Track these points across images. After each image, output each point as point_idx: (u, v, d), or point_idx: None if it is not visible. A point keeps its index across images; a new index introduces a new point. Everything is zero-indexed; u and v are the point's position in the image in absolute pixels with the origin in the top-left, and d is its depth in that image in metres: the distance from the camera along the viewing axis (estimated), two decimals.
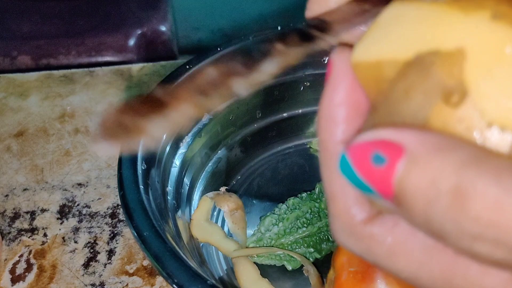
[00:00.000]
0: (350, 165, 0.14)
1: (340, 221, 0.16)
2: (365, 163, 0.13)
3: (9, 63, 0.61)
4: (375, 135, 0.13)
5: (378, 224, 0.15)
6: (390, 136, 0.13)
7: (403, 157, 0.13)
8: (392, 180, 0.13)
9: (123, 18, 0.65)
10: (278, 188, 0.43)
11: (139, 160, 0.33)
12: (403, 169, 0.12)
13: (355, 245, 0.15)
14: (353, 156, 0.14)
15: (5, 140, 0.48)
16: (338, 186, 0.16)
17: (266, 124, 0.45)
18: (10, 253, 0.39)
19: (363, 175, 0.13)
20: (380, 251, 0.15)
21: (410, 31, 0.14)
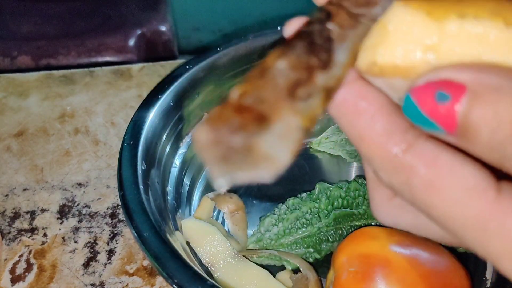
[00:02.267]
0: (415, 105, 0.15)
1: (377, 157, 0.16)
2: (429, 102, 0.14)
3: (9, 63, 0.61)
4: (438, 76, 0.14)
5: (418, 156, 0.15)
6: (452, 76, 0.14)
7: (465, 94, 0.14)
8: (456, 115, 0.14)
9: (123, 19, 0.65)
10: (278, 189, 0.43)
11: (139, 160, 0.33)
12: (467, 104, 0.14)
13: (394, 179, 0.16)
14: (417, 96, 0.15)
15: (5, 140, 0.48)
16: (364, 127, 0.16)
17: None
18: (10, 253, 0.39)
19: (428, 113, 0.15)
20: (419, 182, 0.15)
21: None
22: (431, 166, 0.15)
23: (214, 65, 0.40)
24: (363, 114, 0.16)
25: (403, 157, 0.15)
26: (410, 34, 0.15)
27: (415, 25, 0.15)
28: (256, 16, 0.64)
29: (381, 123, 0.16)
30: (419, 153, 0.15)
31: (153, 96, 0.37)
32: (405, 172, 0.15)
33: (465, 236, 0.15)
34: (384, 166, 0.16)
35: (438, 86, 0.14)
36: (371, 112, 0.16)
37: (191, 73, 0.38)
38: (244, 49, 0.41)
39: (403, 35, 0.15)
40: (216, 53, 0.40)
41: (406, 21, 0.15)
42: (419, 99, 0.15)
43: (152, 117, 0.35)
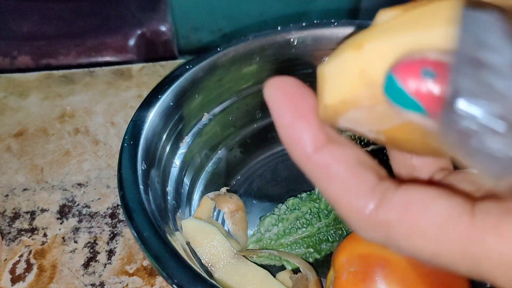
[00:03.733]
0: (397, 84, 0.14)
1: (354, 218, 0.16)
2: (414, 79, 0.14)
3: (9, 63, 0.61)
4: (421, 55, 0.14)
5: (389, 209, 0.15)
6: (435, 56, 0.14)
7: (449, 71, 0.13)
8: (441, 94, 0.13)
9: (123, 19, 0.65)
10: (278, 189, 0.43)
11: (139, 160, 0.33)
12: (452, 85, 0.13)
13: (375, 237, 0.16)
14: (402, 74, 0.14)
15: (5, 140, 0.48)
16: (336, 189, 0.16)
17: (266, 125, 0.45)
18: (10, 253, 0.39)
19: (412, 92, 0.14)
20: (398, 234, 0.15)
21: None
22: (404, 214, 0.15)
23: (214, 65, 0.40)
24: (335, 178, 0.16)
25: (376, 215, 0.15)
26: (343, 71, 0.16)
27: (344, 62, 0.16)
28: (256, 16, 0.64)
29: (352, 184, 0.16)
30: (390, 206, 0.15)
31: (153, 96, 0.37)
32: (382, 228, 0.15)
33: (459, 268, 0.15)
34: (361, 225, 0.16)
35: (424, 64, 0.14)
36: (343, 174, 0.16)
37: (191, 73, 0.38)
38: (244, 49, 0.41)
39: (338, 74, 0.16)
40: (216, 53, 0.40)
41: (337, 62, 0.16)
42: (403, 76, 0.14)
43: (152, 117, 0.35)
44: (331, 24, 0.42)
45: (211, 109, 0.41)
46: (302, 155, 0.17)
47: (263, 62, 0.42)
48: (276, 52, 0.41)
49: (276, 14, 0.64)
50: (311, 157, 0.16)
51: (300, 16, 0.65)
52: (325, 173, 0.16)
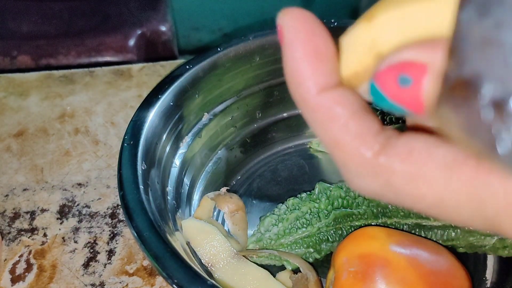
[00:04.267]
0: (380, 92, 0.14)
1: (353, 164, 0.16)
2: (392, 87, 0.14)
3: (9, 63, 0.61)
4: (398, 58, 0.14)
5: (392, 155, 0.15)
6: (411, 56, 0.14)
7: (427, 74, 0.13)
8: (421, 98, 0.13)
9: (123, 19, 0.65)
10: (278, 189, 0.43)
11: (139, 160, 0.33)
12: (431, 85, 0.13)
13: (373, 183, 0.15)
14: (380, 82, 0.14)
15: (5, 140, 0.48)
16: (336, 132, 0.16)
17: (266, 125, 0.45)
18: (10, 253, 0.39)
19: (393, 98, 0.14)
20: (400, 180, 0.15)
21: None
22: (407, 159, 0.15)
23: (214, 65, 0.40)
24: (337, 119, 0.16)
25: (378, 159, 0.15)
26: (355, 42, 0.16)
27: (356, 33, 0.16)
28: (256, 16, 0.64)
29: (355, 128, 0.15)
30: (393, 152, 0.15)
31: (153, 96, 0.37)
32: (383, 174, 0.15)
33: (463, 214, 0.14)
34: (361, 171, 0.16)
35: (399, 69, 0.14)
36: (346, 117, 0.16)
37: (191, 73, 0.38)
38: (244, 49, 0.41)
39: (351, 46, 0.16)
40: (216, 53, 0.40)
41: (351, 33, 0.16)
42: (382, 85, 0.14)
43: (152, 117, 0.35)
44: (331, 24, 0.42)
45: (211, 109, 0.41)
46: (306, 94, 0.16)
47: (263, 62, 0.42)
48: (276, 52, 0.41)
49: (276, 14, 0.63)
50: (315, 97, 0.16)
51: None
52: (327, 115, 0.16)
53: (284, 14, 0.16)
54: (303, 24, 0.16)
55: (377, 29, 0.15)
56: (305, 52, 0.16)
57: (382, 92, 0.14)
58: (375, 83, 0.14)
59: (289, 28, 0.16)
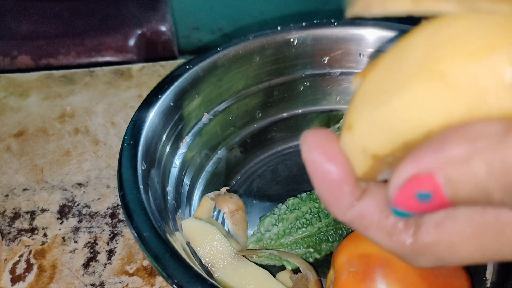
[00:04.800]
0: (405, 213, 0.16)
1: (403, 254, 0.17)
2: (415, 206, 0.15)
3: (9, 63, 0.61)
4: (402, 178, 0.15)
5: (425, 234, 0.16)
6: (413, 171, 0.14)
7: (440, 182, 0.14)
8: (446, 200, 0.14)
9: (123, 19, 0.65)
10: (278, 188, 0.43)
11: (139, 160, 0.33)
12: (450, 192, 0.14)
13: (427, 261, 0.17)
14: (401, 207, 0.15)
15: (5, 140, 0.48)
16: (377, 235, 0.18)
17: (266, 125, 0.45)
18: (10, 253, 0.39)
19: (421, 211, 0.15)
20: (444, 252, 0.16)
21: None
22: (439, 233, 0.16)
23: (214, 65, 0.40)
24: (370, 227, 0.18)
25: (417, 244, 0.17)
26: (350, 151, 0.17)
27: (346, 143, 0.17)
28: (256, 16, 0.64)
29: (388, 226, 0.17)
30: (425, 231, 0.16)
31: (153, 96, 0.37)
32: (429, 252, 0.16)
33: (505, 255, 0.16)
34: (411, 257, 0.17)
35: (412, 188, 0.15)
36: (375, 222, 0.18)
37: (191, 73, 0.38)
38: (244, 49, 0.41)
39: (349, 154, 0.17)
40: (216, 53, 0.40)
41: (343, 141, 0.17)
42: (404, 208, 0.15)
43: (152, 117, 0.35)
44: (331, 24, 0.42)
45: (211, 109, 0.41)
46: (340, 212, 0.18)
47: (263, 62, 0.42)
48: (276, 52, 0.41)
49: (276, 14, 0.64)
50: (348, 212, 0.18)
51: (300, 16, 0.65)
52: (362, 224, 0.18)
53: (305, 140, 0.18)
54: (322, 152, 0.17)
55: (359, 137, 0.16)
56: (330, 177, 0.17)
57: (408, 212, 0.15)
58: (395, 208, 0.16)
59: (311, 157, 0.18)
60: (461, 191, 0.14)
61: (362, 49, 0.43)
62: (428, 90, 0.14)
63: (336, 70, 0.44)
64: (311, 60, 0.43)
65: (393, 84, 0.15)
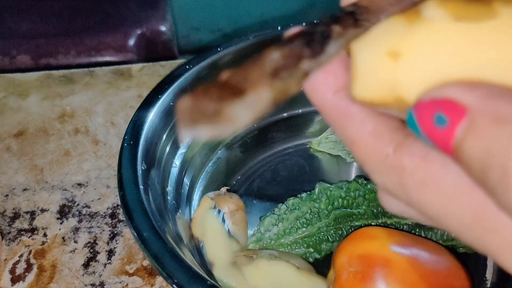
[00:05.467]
0: (416, 123, 0.14)
1: (370, 159, 0.16)
2: (428, 123, 0.14)
3: (9, 62, 0.61)
4: (442, 93, 0.14)
5: (408, 155, 0.15)
6: (456, 95, 0.13)
7: (463, 120, 0.13)
8: (451, 142, 0.13)
9: (123, 18, 0.65)
10: (278, 188, 0.43)
11: (139, 160, 0.33)
12: (462, 134, 0.13)
13: (388, 180, 0.15)
14: (418, 115, 0.14)
15: (5, 140, 0.48)
16: (354, 129, 0.16)
17: (266, 124, 0.45)
18: (10, 253, 0.39)
19: (427, 134, 0.14)
20: (411, 181, 0.15)
21: None
22: (422, 164, 0.15)
23: (214, 64, 0.40)
24: (353, 118, 0.16)
25: (394, 157, 0.15)
26: (374, 73, 0.15)
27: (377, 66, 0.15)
28: (256, 16, 0.64)
29: (371, 126, 0.16)
30: (409, 152, 0.15)
31: (153, 96, 0.37)
32: (397, 172, 0.15)
33: (462, 232, 0.14)
34: (376, 168, 0.16)
35: (440, 107, 0.14)
36: (362, 115, 0.16)
37: (191, 73, 0.38)
38: (244, 49, 0.41)
39: (369, 73, 0.15)
40: (216, 53, 0.40)
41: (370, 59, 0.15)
42: (419, 118, 0.14)
43: (152, 117, 0.35)
44: None
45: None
46: (323, 96, 0.16)
47: None
48: None
49: (276, 14, 0.64)
50: (331, 98, 0.16)
51: (300, 16, 0.65)
52: (344, 114, 0.16)
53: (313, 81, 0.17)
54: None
55: (401, 73, 0.14)
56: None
57: (418, 124, 0.14)
58: (413, 113, 0.14)
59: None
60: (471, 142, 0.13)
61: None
62: None
63: None
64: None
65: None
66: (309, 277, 0.34)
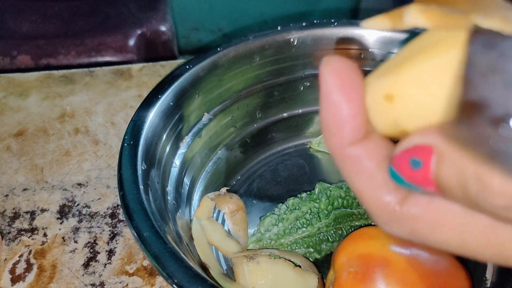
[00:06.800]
0: (397, 174, 0.16)
1: (379, 213, 0.17)
2: (407, 170, 0.16)
3: (9, 63, 0.61)
4: (409, 143, 0.16)
5: (413, 204, 0.16)
6: (419, 140, 0.15)
7: (433, 156, 0.15)
8: (430, 177, 0.15)
9: (123, 19, 0.65)
10: (278, 188, 0.43)
11: (139, 160, 0.33)
12: (436, 167, 0.15)
13: (400, 230, 0.17)
14: (395, 165, 0.16)
15: (5, 139, 0.48)
16: (364, 183, 0.17)
17: (266, 125, 0.45)
18: (10, 253, 0.39)
19: (408, 179, 0.16)
20: (423, 228, 0.16)
21: None
22: (428, 208, 0.16)
23: (214, 65, 0.40)
24: (363, 172, 0.17)
25: (402, 210, 0.16)
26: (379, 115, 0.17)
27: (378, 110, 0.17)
28: (256, 16, 0.64)
29: (378, 180, 0.17)
30: (415, 201, 0.16)
31: (153, 96, 0.37)
32: (407, 223, 0.16)
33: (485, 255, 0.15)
34: (386, 221, 0.17)
35: (411, 154, 0.15)
36: (370, 169, 0.17)
37: (191, 73, 0.38)
38: (244, 49, 0.41)
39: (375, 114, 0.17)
40: (216, 53, 0.40)
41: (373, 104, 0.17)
42: (398, 169, 0.16)
43: (152, 117, 0.35)
44: (331, 24, 0.42)
45: (211, 109, 0.41)
46: (337, 145, 0.17)
47: (263, 62, 0.42)
48: (276, 52, 0.41)
49: (276, 14, 0.64)
50: (345, 149, 0.17)
51: (300, 16, 0.65)
52: (355, 167, 0.17)
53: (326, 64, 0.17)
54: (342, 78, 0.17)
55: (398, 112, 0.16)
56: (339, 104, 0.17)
57: (399, 173, 0.16)
58: (391, 166, 0.16)
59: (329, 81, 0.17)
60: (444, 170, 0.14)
61: (362, 49, 0.43)
62: None
63: None
64: (311, 60, 0.43)
65: None
66: (309, 276, 0.34)
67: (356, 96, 0.17)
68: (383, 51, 0.42)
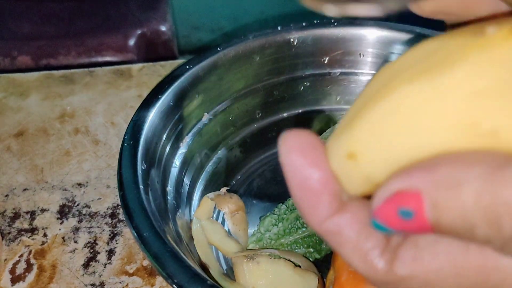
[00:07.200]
0: (384, 226, 0.15)
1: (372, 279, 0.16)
2: (397, 222, 0.14)
3: (9, 63, 0.61)
4: (389, 191, 0.14)
5: (400, 265, 0.15)
6: (401, 186, 0.14)
7: (425, 204, 0.14)
8: (428, 225, 0.14)
9: (123, 19, 0.65)
10: (278, 188, 0.43)
11: (139, 160, 0.33)
12: (433, 215, 0.14)
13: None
14: (382, 219, 0.15)
15: (5, 140, 0.48)
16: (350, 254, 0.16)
17: (266, 124, 0.45)
18: (10, 253, 0.39)
19: (401, 229, 0.15)
20: (416, 285, 0.15)
21: None
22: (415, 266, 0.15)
23: (214, 65, 0.40)
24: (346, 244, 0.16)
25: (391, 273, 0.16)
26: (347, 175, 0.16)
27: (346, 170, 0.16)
28: (256, 15, 0.64)
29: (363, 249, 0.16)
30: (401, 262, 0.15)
31: (153, 96, 0.37)
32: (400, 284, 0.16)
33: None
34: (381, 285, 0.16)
35: (396, 203, 0.14)
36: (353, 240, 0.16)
37: (191, 73, 0.38)
38: (244, 49, 0.41)
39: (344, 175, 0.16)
40: (216, 53, 0.40)
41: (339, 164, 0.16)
42: (384, 221, 0.15)
43: (152, 117, 0.35)
44: (331, 24, 0.42)
45: (211, 109, 0.41)
46: (316, 223, 0.17)
47: (263, 62, 0.42)
48: (276, 52, 0.41)
49: (276, 13, 0.64)
50: (323, 224, 0.16)
51: (301, 15, 0.65)
52: (338, 239, 0.16)
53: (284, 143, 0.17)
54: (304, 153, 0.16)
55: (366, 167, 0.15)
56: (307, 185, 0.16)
57: (388, 227, 0.15)
58: (376, 220, 0.15)
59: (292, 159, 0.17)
60: (444, 217, 0.13)
61: (362, 49, 0.43)
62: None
63: (336, 70, 0.44)
64: (311, 60, 0.43)
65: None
66: (309, 276, 0.34)
67: (322, 165, 0.16)
68: (383, 51, 0.42)
